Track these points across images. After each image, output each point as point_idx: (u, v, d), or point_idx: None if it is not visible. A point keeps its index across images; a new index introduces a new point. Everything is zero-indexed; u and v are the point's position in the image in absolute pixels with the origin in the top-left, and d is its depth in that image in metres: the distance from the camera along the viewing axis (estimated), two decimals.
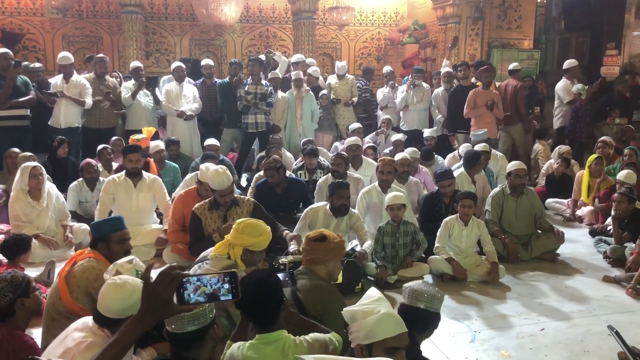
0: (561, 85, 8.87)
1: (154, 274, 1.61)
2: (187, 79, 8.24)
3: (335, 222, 4.92)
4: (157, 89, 8.13)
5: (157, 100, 8.01)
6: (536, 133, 8.84)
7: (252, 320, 2.56)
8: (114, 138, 7.32)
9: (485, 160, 6.59)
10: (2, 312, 2.76)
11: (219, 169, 4.67)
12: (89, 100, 7.51)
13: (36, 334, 3.36)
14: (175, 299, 1.59)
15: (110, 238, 3.46)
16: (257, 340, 2.47)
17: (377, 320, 2.11)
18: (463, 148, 7.26)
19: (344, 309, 2.21)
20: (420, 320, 2.61)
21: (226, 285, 1.64)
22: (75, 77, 7.57)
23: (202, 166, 5.20)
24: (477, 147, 6.68)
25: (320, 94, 8.60)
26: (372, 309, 2.14)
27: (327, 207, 4.94)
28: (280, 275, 2.83)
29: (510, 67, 8.82)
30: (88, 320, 2.65)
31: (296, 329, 2.61)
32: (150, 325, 1.63)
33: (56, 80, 7.50)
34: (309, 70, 9.04)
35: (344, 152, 6.48)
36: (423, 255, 5.10)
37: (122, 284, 2.60)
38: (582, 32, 12.10)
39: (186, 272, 1.63)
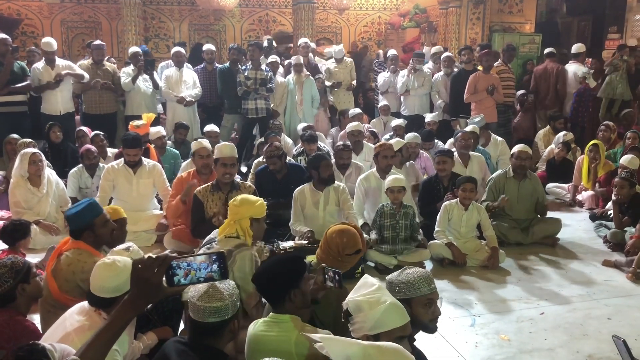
0: (584, 69, 8.78)
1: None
2: (186, 64, 8.21)
3: (322, 196, 4.95)
4: (155, 72, 8.08)
5: (155, 85, 7.98)
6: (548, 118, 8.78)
7: (261, 293, 2.62)
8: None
9: (474, 142, 6.52)
10: (2, 297, 2.76)
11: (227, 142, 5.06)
12: (86, 75, 7.48)
13: (36, 319, 3.37)
14: (165, 282, 1.60)
15: (94, 224, 3.41)
16: (270, 318, 2.52)
17: (385, 311, 2.10)
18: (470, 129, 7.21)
19: (348, 300, 2.20)
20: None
21: (215, 267, 1.66)
22: (59, 61, 7.48)
23: (194, 142, 5.39)
24: (467, 128, 6.67)
25: (316, 77, 8.56)
26: (378, 299, 2.13)
27: (311, 184, 4.99)
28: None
29: (547, 50, 9.09)
30: (85, 304, 2.67)
31: None
32: (141, 309, 1.66)
33: (38, 66, 7.34)
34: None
35: (348, 142, 6.45)
36: (424, 238, 5.11)
37: (111, 262, 2.64)
38: (584, 16, 12.01)
39: (174, 254, 1.64)
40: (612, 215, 5.71)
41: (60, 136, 6.74)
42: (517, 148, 5.71)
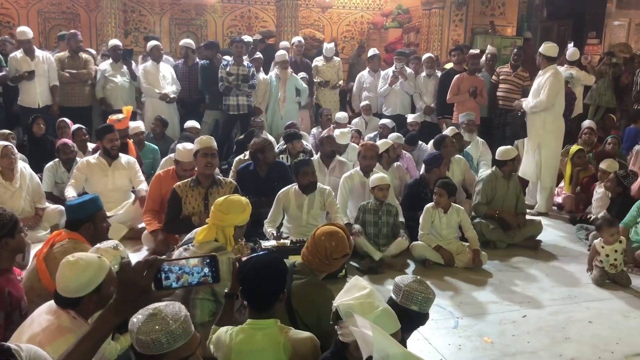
0: (567, 73, 8.71)
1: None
2: (165, 57, 8.08)
3: (307, 200, 4.92)
4: (132, 63, 7.94)
5: (133, 76, 7.83)
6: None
7: (247, 300, 2.48)
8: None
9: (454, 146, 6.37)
10: None
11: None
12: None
13: None
14: (153, 286, 1.56)
15: (96, 217, 3.39)
16: (248, 325, 2.40)
17: (378, 317, 2.04)
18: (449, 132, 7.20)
19: (339, 303, 2.12)
20: (411, 321, 2.55)
21: (206, 270, 1.64)
22: (38, 52, 7.31)
23: (179, 146, 5.17)
24: (446, 132, 6.63)
25: (300, 75, 8.46)
26: (371, 304, 2.08)
27: (296, 187, 4.95)
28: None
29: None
30: (53, 303, 2.57)
31: None
32: (128, 314, 1.59)
33: (16, 56, 7.17)
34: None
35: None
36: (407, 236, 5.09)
37: (75, 261, 2.52)
38: (564, 20, 12.14)
39: (164, 257, 1.59)
40: (592, 218, 5.75)
41: (44, 129, 6.61)
42: (512, 153, 5.69)
